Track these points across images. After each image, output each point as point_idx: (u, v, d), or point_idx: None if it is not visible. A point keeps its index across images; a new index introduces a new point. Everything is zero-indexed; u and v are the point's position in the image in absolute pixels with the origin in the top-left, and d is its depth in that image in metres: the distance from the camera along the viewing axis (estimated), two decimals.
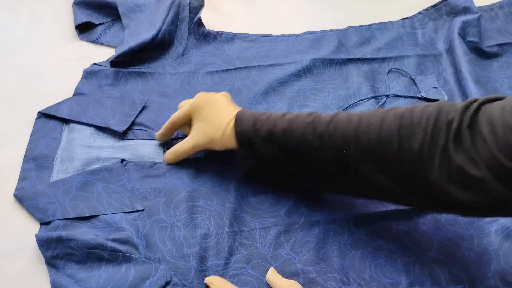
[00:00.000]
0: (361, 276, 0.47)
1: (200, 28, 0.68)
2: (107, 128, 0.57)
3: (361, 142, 0.41)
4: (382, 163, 0.40)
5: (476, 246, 0.49)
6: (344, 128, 0.42)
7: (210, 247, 0.48)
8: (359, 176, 0.43)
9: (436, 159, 0.37)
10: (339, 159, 0.43)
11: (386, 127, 0.40)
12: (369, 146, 0.40)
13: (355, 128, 0.41)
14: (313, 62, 0.65)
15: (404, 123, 0.39)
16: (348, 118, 0.43)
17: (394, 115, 0.40)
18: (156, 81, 0.63)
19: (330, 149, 0.43)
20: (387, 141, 0.39)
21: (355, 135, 0.41)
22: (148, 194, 0.52)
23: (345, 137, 0.42)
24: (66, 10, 0.71)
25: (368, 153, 0.41)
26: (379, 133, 0.40)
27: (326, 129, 0.43)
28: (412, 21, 0.72)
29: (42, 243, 0.47)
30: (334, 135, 0.42)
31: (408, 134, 0.38)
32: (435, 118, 0.38)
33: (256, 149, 0.47)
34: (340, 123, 0.42)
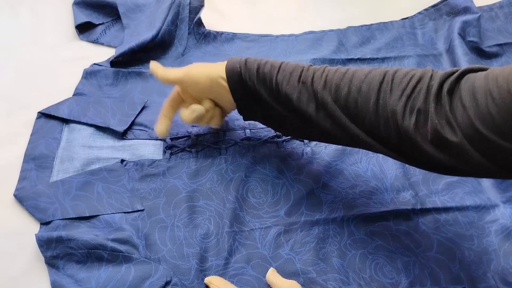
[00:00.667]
0: (361, 276, 0.47)
1: (200, 28, 0.68)
2: (107, 128, 0.57)
3: (341, 91, 0.42)
4: (360, 114, 0.41)
5: (476, 246, 0.49)
6: (329, 76, 0.43)
7: (210, 247, 0.48)
8: (335, 123, 0.43)
9: (411, 119, 0.38)
10: (318, 104, 0.43)
11: (368, 81, 0.41)
12: (348, 96, 0.42)
13: (339, 78, 0.42)
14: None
15: (386, 79, 0.40)
16: (336, 69, 0.44)
17: (379, 71, 0.41)
18: (156, 81, 0.63)
19: (311, 93, 0.44)
20: (366, 94, 0.41)
21: (336, 84, 0.42)
22: (148, 194, 0.52)
23: (326, 84, 0.43)
24: (66, 10, 0.71)
25: (345, 103, 0.42)
26: (361, 86, 0.41)
27: (312, 74, 0.44)
28: (412, 21, 0.72)
29: (42, 243, 0.47)
30: (317, 80, 0.43)
31: (387, 90, 0.40)
32: (417, 80, 0.39)
33: (245, 84, 0.47)
34: (326, 72, 0.44)
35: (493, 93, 0.33)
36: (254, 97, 0.48)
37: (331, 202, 0.52)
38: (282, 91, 0.45)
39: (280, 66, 0.46)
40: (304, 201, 0.52)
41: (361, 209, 0.51)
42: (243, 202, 0.52)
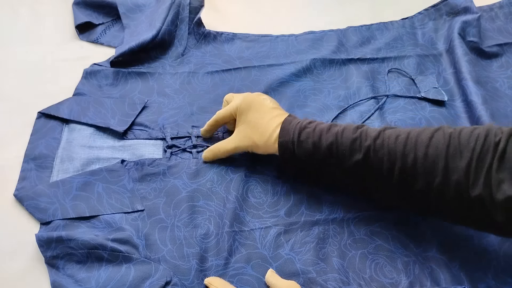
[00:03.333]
0: (361, 276, 0.47)
1: (200, 28, 0.68)
2: (107, 128, 0.57)
3: (407, 159, 0.41)
4: (426, 180, 0.41)
5: (476, 246, 0.49)
6: (391, 144, 0.42)
7: (210, 247, 0.48)
8: (401, 192, 0.43)
9: (481, 179, 0.38)
10: (383, 175, 0.43)
11: (434, 145, 0.40)
12: (415, 163, 0.41)
13: (403, 145, 0.42)
14: (313, 62, 0.65)
15: (452, 142, 0.40)
16: (396, 134, 0.43)
17: (443, 134, 0.41)
18: (156, 81, 0.63)
19: (375, 164, 0.43)
20: (434, 159, 0.40)
21: (402, 152, 0.42)
22: (148, 194, 0.52)
23: (391, 153, 0.42)
24: (66, 10, 0.71)
25: (414, 170, 0.41)
26: (427, 151, 0.40)
27: (372, 144, 0.43)
28: (412, 21, 0.72)
29: (42, 243, 0.47)
30: (380, 150, 0.43)
31: (455, 153, 0.39)
32: (484, 139, 0.38)
33: (298, 160, 0.47)
34: (387, 139, 0.43)
35: None
36: (308, 169, 0.48)
37: (331, 202, 0.52)
38: (343, 166, 0.45)
39: (336, 140, 0.45)
40: (304, 201, 0.52)
41: (361, 209, 0.51)
42: (243, 202, 0.52)
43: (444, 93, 0.63)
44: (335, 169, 0.46)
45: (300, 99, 0.62)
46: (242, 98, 0.53)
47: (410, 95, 0.63)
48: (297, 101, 0.62)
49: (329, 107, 0.61)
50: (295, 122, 0.48)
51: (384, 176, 0.43)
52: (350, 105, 0.61)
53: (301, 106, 0.61)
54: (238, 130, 0.52)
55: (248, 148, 0.51)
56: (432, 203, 0.42)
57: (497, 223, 0.38)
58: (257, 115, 0.51)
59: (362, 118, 0.60)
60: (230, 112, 0.53)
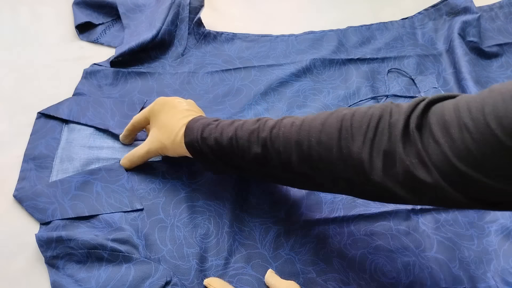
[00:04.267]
0: (361, 276, 0.47)
1: (200, 28, 0.68)
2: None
3: (302, 147, 0.39)
4: (326, 168, 0.38)
5: (476, 246, 0.49)
6: (286, 133, 0.40)
7: (210, 247, 0.48)
8: (304, 178, 0.42)
9: (378, 163, 0.35)
10: (284, 164, 0.41)
11: (327, 131, 0.38)
12: (310, 151, 0.39)
13: (296, 133, 0.40)
14: (313, 62, 0.65)
15: (344, 125, 0.37)
16: (291, 122, 0.41)
17: (336, 117, 0.38)
18: (156, 81, 0.63)
19: (274, 155, 0.41)
20: (327, 145, 0.38)
21: (296, 140, 0.40)
22: (148, 194, 0.52)
23: (287, 142, 0.40)
24: (66, 10, 0.71)
25: (310, 158, 0.39)
26: (320, 137, 0.38)
27: (269, 135, 0.41)
28: (412, 21, 0.72)
29: (42, 243, 0.47)
30: (276, 141, 0.41)
31: (347, 137, 0.37)
32: (377, 121, 0.36)
33: (207, 158, 0.46)
34: (283, 128, 0.41)
35: (469, 127, 0.30)
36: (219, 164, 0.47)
37: (331, 202, 0.52)
38: (245, 160, 0.44)
39: (235, 134, 0.43)
40: (304, 201, 0.52)
41: (361, 209, 0.51)
42: (243, 202, 0.52)
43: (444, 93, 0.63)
44: (242, 164, 0.45)
45: (300, 99, 0.62)
46: (156, 101, 0.52)
47: (410, 95, 0.63)
48: (296, 101, 0.62)
49: (329, 107, 0.61)
50: (201, 120, 0.47)
51: (286, 167, 0.41)
52: (350, 105, 0.62)
53: (301, 106, 0.61)
54: (150, 132, 0.51)
55: (159, 151, 0.50)
56: (345, 189, 0.40)
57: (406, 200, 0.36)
58: (167, 116, 0.49)
59: None
60: (144, 115, 0.52)
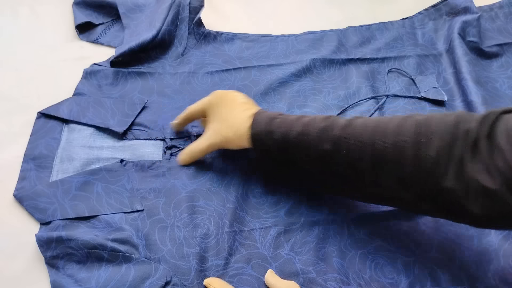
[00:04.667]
0: (361, 276, 0.47)
1: (200, 28, 0.68)
2: (107, 128, 0.57)
3: (376, 148, 0.40)
4: (396, 169, 0.39)
5: (476, 246, 0.49)
6: (360, 133, 0.41)
7: (210, 247, 0.48)
8: (372, 182, 0.42)
9: (451, 169, 0.36)
10: (353, 165, 0.42)
11: (403, 134, 0.39)
12: (385, 152, 0.40)
13: (371, 134, 0.41)
14: (313, 62, 0.65)
15: (422, 130, 0.38)
16: (364, 123, 0.42)
17: (412, 122, 0.40)
18: (156, 81, 0.63)
19: (344, 154, 0.42)
20: (402, 147, 0.39)
21: (370, 141, 0.40)
22: (148, 194, 0.52)
23: (360, 143, 0.41)
24: (66, 10, 0.71)
25: (383, 159, 0.40)
26: (396, 139, 0.39)
27: (341, 133, 0.42)
28: (412, 21, 0.72)
29: (42, 243, 0.47)
30: (348, 140, 0.42)
31: (425, 141, 0.38)
32: (453, 127, 0.37)
33: (270, 151, 0.47)
34: (356, 128, 0.42)
35: None
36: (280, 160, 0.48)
37: (331, 202, 0.52)
38: (310, 156, 0.44)
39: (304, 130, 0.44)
40: (304, 201, 0.52)
41: (361, 209, 0.51)
42: (243, 202, 0.52)
43: (444, 93, 0.63)
44: (305, 159, 0.45)
45: (300, 99, 0.62)
46: (213, 94, 0.53)
47: (410, 95, 0.63)
48: (297, 101, 0.62)
49: (329, 107, 0.61)
50: (265, 114, 0.48)
51: (354, 166, 0.42)
52: (350, 105, 0.62)
53: (301, 106, 0.61)
54: (209, 126, 0.52)
55: (221, 145, 0.51)
56: (404, 196, 0.41)
57: (472, 215, 0.37)
58: (227, 109, 0.50)
59: None
60: (201, 107, 0.53)
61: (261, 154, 0.48)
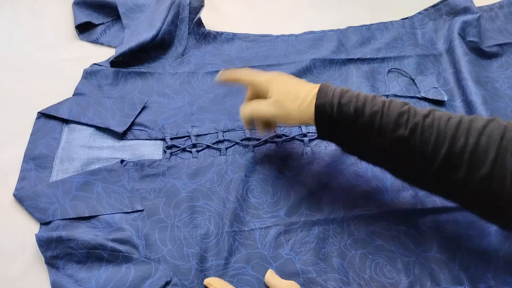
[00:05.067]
0: (361, 276, 0.47)
1: (200, 28, 0.68)
2: (107, 128, 0.57)
3: (456, 143, 0.38)
4: (471, 170, 0.38)
5: (476, 246, 0.49)
6: (442, 125, 0.39)
7: (210, 247, 0.48)
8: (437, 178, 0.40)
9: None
10: (424, 156, 0.40)
11: (488, 134, 0.38)
12: (464, 149, 0.38)
13: (454, 128, 0.39)
14: (313, 62, 0.65)
15: (507, 134, 0.37)
16: (448, 116, 0.40)
17: (498, 124, 0.38)
18: (156, 81, 0.63)
19: (420, 143, 0.40)
20: (485, 148, 0.37)
21: (452, 135, 0.39)
22: (148, 194, 0.52)
23: (440, 135, 0.39)
24: (66, 10, 0.71)
25: (461, 157, 0.38)
26: (479, 138, 0.38)
27: (422, 121, 0.40)
28: (412, 21, 0.72)
29: (42, 243, 0.47)
30: (428, 129, 0.40)
31: (508, 147, 0.37)
32: None
33: (335, 126, 0.43)
34: (438, 119, 0.40)
35: None
36: (346, 138, 0.45)
37: (331, 202, 0.52)
38: (384, 139, 0.41)
39: (382, 110, 0.41)
40: (304, 201, 0.52)
41: (361, 209, 0.51)
42: (243, 202, 0.52)
43: (444, 93, 0.63)
44: (374, 141, 0.42)
45: None
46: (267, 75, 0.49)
47: (410, 95, 0.63)
48: None
49: None
50: (333, 86, 0.44)
51: (426, 158, 0.40)
52: None
53: None
54: (272, 100, 0.47)
55: (283, 119, 0.46)
56: (465, 195, 0.40)
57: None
58: (288, 84, 0.47)
59: None
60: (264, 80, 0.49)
61: (323, 128, 0.45)
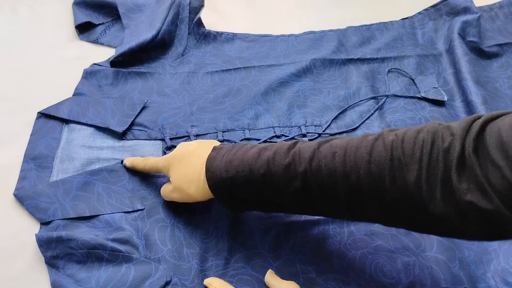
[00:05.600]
0: (361, 276, 0.47)
1: (200, 28, 0.68)
2: (107, 128, 0.57)
3: (349, 179, 0.36)
4: (376, 199, 0.36)
5: (476, 246, 0.49)
6: (329, 165, 0.37)
7: (210, 247, 0.48)
8: (351, 211, 0.39)
9: (437, 193, 0.33)
10: (327, 198, 0.39)
11: (376, 161, 0.35)
12: (359, 183, 0.36)
13: (341, 164, 0.37)
14: (313, 62, 0.65)
15: (395, 154, 0.35)
16: (332, 152, 0.38)
17: (383, 145, 0.36)
18: (156, 81, 0.63)
19: (316, 188, 0.38)
20: (378, 176, 0.35)
21: (342, 172, 0.37)
22: (149, 194, 0.52)
23: (331, 176, 0.37)
24: (66, 10, 0.71)
25: (359, 190, 0.36)
26: (369, 168, 0.36)
27: (308, 167, 0.38)
28: (412, 21, 0.72)
29: (42, 243, 0.47)
30: (318, 174, 0.38)
31: (401, 167, 0.34)
32: (430, 147, 0.33)
33: (236, 198, 0.43)
34: (324, 159, 0.38)
35: None
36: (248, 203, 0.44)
37: None
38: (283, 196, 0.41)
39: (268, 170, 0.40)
40: None
41: None
42: None
43: (444, 93, 0.63)
44: (276, 197, 0.41)
45: (300, 99, 0.62)
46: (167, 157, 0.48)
47: (410, 95, 0.63)
48: (297, 101, 0.62)
49: (329, 107, 0.61)
50: (219, 156, 0.43)
51: (330, 199, 0.38)
52: (350, 105, 0.62)
53: (301, 106, 0.61)
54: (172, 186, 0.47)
55: (189, 201, 0.47)
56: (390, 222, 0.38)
57: (471, 235, 0.34)
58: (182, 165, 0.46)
59: (362, 118, 0.60)
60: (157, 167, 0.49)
61: (226, 203, 0.45)
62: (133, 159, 0.52)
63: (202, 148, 0.46)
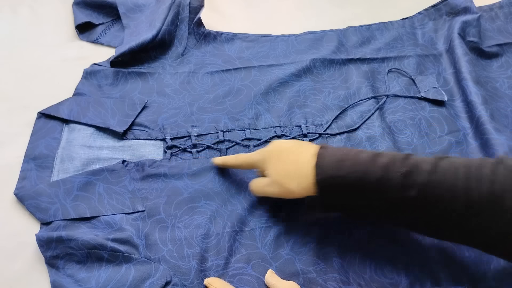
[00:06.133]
0: (361, 276, 0.47)
1: (200, 28, 0.68)
2: (107, 128, 0.57)
3: (471, 195, 0.38)
4: (492, 219, 0.37)
5: None
6: (451, 180, 0.39)
7: (210, 247, 0.48)
8: (460, 228, 0.40)
9: None
10: (442, 213, 0.40)
11: (500, 182, 0.37)
12: (480, 200, 0.37)
13: (464, 180, 0.38)
14: (313, 62, 0.65)
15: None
16: (454, 167, 0.40)
17: (504, 168, 0.38)
18: (156, 81, 0.63)
19: (433, 201, 0.39)
20: (501, 197, 0.37)
21: (464, 188, 0.38)
22: (149, 194, 0.52)
23: (452, 190, 0.39)
24: (66, 10, 0.71)
25: (479, 208, 0.38)
26: (492, 187, 0.37)
27: (428, 179, 0.39)
28: (412, 21, 0.72)
29: (42, 243, 0.47)
30: (438, 187, 0.39)
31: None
32: None
33: (341, 198, 0.43)
34: (447, 173, 0.39)
35: None
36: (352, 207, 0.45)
37: None
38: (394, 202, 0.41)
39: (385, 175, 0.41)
40: (304, 201, 0.52)
41: None
42: (244, 202, 0.52)
43: (444, 93, 0.63)
44: (384, 205, 0.42)
45: (300, 99, 0.62)
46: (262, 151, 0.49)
47: (410, 95, 0.63)
48: (297, 101, 0.62)
49: (329, 107, 0.61)
50: (329, 154, 0.44)
51: (442, 213, 0.40)
52: (350, 105, 0.62)
53: (301, 106, 0.61)
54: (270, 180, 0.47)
55: (284, 195, 0.47)
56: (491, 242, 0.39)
57: None
58: (281, 159, 0.47)
59: (362, 118, 0.60)
60: (254, 160, 0.50)
61: (329, 201, 0.45)
62: (223, 157, 0.54)
63: (299, 147, 0.47)
